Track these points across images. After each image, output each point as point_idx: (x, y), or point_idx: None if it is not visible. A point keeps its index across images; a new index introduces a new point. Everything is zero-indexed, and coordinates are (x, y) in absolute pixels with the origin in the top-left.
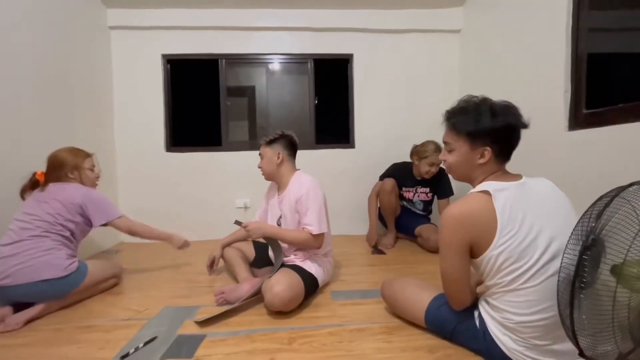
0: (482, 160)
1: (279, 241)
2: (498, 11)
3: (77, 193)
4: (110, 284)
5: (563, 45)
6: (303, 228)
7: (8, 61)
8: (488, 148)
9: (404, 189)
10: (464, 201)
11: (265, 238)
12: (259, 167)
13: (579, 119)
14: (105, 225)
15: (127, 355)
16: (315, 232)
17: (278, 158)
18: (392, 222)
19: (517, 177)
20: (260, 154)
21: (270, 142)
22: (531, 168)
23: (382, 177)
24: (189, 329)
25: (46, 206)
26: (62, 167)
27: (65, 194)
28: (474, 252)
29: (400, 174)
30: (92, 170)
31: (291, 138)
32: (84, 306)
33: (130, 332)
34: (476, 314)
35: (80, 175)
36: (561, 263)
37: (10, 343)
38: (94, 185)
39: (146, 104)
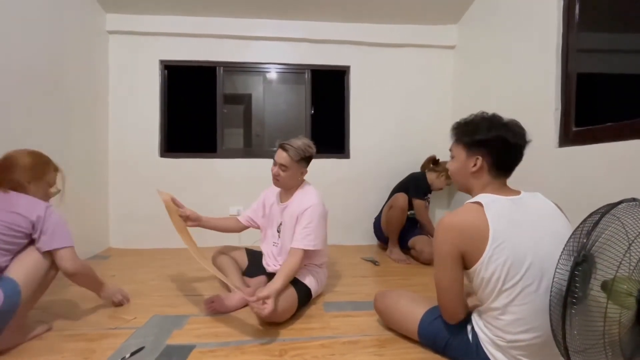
0: (474, 169)
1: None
2: (491, 30)
3: (37, 206)
4: (52, 276)
5: (553, 64)
6: (295, 248)
7: (4, 63)
8: (480, 157)
9: (426, 197)
10: (458, 211)
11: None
12: (277, 175)
13: (568, 136)
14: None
15: None
16: (303, 247)
17: (302, 174)
18: (397, 236)
19: (515, 192)
20: (283, 165)
21: (301, 160)
22: (521, 183)
23: (399, 189)
24: (178, 339)
25: None
26: (23, 171)
27: (19, 204)
28: (466, 262)
29: (422, 185)
30: (50, 186)
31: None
32: (69, 313)
33: (117, 341)
34: (469, 327)
35: (34, 187)
36: (553, 278)
37: None
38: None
39: (142, 108)
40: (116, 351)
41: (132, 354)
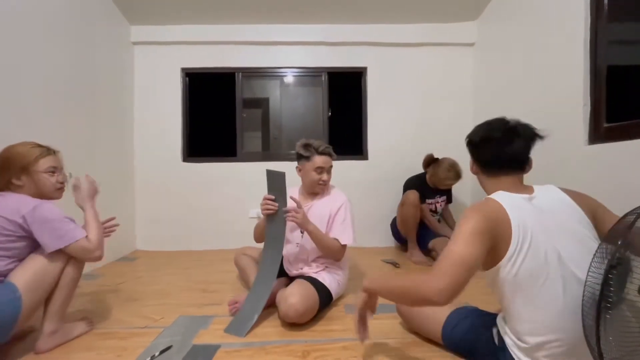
0: (473, 172)
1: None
2: (513, 24)
3: (23, 206)
4: (72, 274)
5: (581, 58)
6: (335, 239)
7: (42, 73)
8: (471, 160)
9: (427, 201)
10: (486, 202)
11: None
12: (326, 180)
13: (599, 133)
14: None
15: None
16: (347, 242)
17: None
18: (415, 236)
19: (528, 189)
20: (331, 167)
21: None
22: (550, 182)
23: (405, 191)
24: (204, 338)
25: None
26: (7, 168)
27: (6, 206)
28: (489, 257)
29: (421, 186)
30: (50, 173)
31: None
32: (101, 312)
33: (146, 340)
34: (494, 331)
35: (30, 181)
36: (585, 282)
37: (29, 348)
38: (53, 194)
39: (165, 115)
40: (146, 349)
41: (161, 352)
